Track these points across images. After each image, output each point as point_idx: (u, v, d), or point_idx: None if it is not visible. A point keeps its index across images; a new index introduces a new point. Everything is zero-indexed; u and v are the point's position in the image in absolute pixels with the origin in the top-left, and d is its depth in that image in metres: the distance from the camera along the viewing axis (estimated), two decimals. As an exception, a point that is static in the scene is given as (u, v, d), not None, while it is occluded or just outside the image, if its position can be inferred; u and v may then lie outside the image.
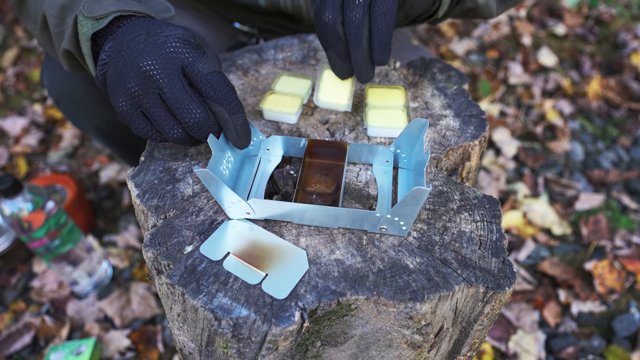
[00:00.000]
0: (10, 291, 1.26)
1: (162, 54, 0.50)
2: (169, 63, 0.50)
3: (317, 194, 0.53)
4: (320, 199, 0.53)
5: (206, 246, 0.49)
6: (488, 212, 0.52)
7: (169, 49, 0.50)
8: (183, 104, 0.49)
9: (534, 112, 1.74)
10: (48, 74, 0.88)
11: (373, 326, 0.47)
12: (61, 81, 0.86)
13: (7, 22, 2.22)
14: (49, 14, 0.59)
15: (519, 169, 1.55)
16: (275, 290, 0.45)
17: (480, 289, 0.46)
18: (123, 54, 0.51)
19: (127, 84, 0.50)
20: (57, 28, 0.59)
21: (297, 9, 0.85)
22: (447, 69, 0.71)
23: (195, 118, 0.50)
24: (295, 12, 0.85)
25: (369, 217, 0.48)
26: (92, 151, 1.66)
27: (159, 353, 1.11)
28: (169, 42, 0.50)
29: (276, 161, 0.59)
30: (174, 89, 0.49)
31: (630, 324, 1.14)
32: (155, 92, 0.50)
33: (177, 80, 0.49)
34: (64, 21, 0.58)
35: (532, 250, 1.30)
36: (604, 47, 2.01)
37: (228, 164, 0.54)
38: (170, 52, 0.50)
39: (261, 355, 0.45)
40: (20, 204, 0.98)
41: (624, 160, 1.56)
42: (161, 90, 0.49)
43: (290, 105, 0.63)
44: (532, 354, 1.10)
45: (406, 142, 0.55)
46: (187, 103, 0.49)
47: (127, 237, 1.35)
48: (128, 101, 0.51)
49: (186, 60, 0.50)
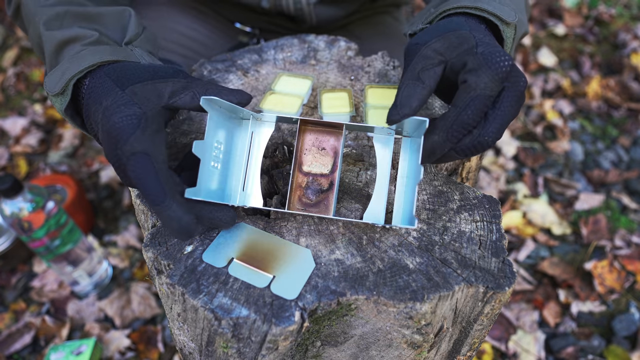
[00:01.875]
0: (10, 291, 1.26)
1: (111, 150, 0.46)
2: (115, 164, 0.46)
3: (313, 174, 0.52)
4: (316, 178, 0.52)
5: (208, 254, 0.49)
6: (488, 212, 0.52)
7: (108, 134, 0.46)
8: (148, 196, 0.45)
9: (534, 112, 1.74)
10: None
11: (373, 326, 0.47)
12: None
13: (7, 22, 2.22)
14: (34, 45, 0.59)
15: (519, 169, 1.55)
16: (285, 291, 0.45)
17: (480, 289, 0.46)
18: (98, 135, 0.49)
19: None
20: (50, 68, 0.57)
21: (299, 11, 0.85)
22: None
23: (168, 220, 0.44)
24: (297, 14, 0.86)
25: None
26: (93, 151, 1.66)
27: (159, 353, 1.11)
28: (104, 127, 0.46)
29: (268, 132, 0.55)
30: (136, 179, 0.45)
31: (630, 324, 1.14)
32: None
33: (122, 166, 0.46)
34: (57, 61, 0.56)
35: (532, 250, 1.30)
36: (604, 47, 2.01)
37: (219, 154, 0.51)
38: (110, 137, 0.46)
39: (261, 355, 0.45)
40: (20, 204, 0.99)
41: (624, 160, 1.56)
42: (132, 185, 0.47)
43: (290, 105, 0.63)
44: (532, 354, 1.10)
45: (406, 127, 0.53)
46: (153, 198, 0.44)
47: (127, 237, 1.35)
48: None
49: (120, 141, 0.45)
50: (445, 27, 0.51)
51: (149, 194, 0.43)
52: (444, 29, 0.50)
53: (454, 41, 0.48)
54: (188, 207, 0.44)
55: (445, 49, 0.48)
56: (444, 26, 0.51)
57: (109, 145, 0.45)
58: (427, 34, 0.51)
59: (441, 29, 0.51)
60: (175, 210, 0.43)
